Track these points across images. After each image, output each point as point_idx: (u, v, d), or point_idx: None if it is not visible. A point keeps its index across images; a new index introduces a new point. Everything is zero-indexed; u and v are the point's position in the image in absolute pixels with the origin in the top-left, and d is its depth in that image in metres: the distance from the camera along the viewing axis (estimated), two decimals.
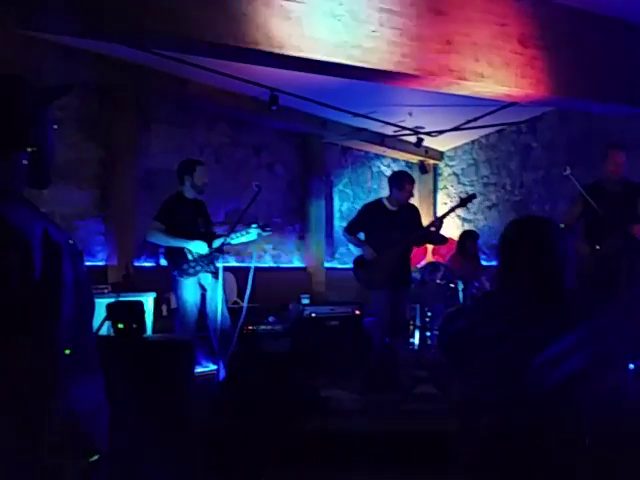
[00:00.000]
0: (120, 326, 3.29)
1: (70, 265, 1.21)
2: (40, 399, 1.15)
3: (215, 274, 4.45)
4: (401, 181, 4.83)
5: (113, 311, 3.34)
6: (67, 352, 1.18)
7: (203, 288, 4.50)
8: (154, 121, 6.18)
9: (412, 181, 4.92)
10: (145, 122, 6.12)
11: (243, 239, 4.48)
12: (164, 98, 6.17)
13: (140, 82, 5.72)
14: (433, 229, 4.79)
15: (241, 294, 4.67)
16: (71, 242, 1.24)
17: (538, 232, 1.92)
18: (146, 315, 3.58)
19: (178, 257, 4.40)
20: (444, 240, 5.77)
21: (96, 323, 3.50)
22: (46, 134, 1.32)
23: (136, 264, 5.73)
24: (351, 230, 4.95)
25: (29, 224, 1.17)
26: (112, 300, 3.56)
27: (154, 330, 4.35)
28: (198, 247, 4.39)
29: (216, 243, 4.46)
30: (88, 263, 5.29)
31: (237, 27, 3.48)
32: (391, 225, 4.72)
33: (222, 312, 4.35)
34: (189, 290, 4.43)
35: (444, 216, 4.82)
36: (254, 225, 4.47)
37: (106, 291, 4.28)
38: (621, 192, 4.19)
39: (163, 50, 4.59)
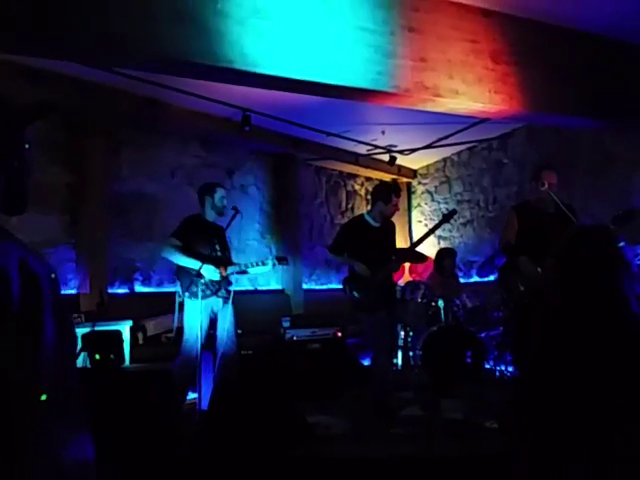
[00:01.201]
0: (97, 357, 3.15)
1: (51, 299, 1.09)
2: (21, 454, 1.02)
3: (226, 299, 4.38)
4: (388, 194, 4.53)
5: (89, 341, 3.20)
6: (43, 398, 1.03)
7: (214, 313, 4.42)
8: (124, 144, 6.05)
9: (399, 194, 4.68)
10: (114, 145, 5.98)
11: (258, 270, 4.54)
12: (133, 120, 6.05)
13: (108, 104, 5.60)
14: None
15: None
16: (53, 276, 1.12)
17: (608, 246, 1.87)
18: (124, 344, 3.45)
19: (189, 279, 4.31)
20: (423, 258, 5.74)
21: None
22: (23, 155, 1.22)
23: (110, 291, 5.55)
24: (336, 249, 4.67)
25: (4, 253, 1.06)
26: (87, 330, 3.41)
27: (131, 360, 4.18)
28: (210, 272, 4.30)
29: (230, 270, 4.42)
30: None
31: (210, 45, 3.41)
32: (377, 242, 4.48)
33: (230, 337, 4.32)
34: (196, 313, 4.30)
35: (429, 234, 4.57)
36: (270, 257, 4.61)
37: (79, 320, 4.10)
38: (553, 212, 4.21)
39: (132, 70, 4.50)
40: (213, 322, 4.43)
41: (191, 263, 4.29)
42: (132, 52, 3.33)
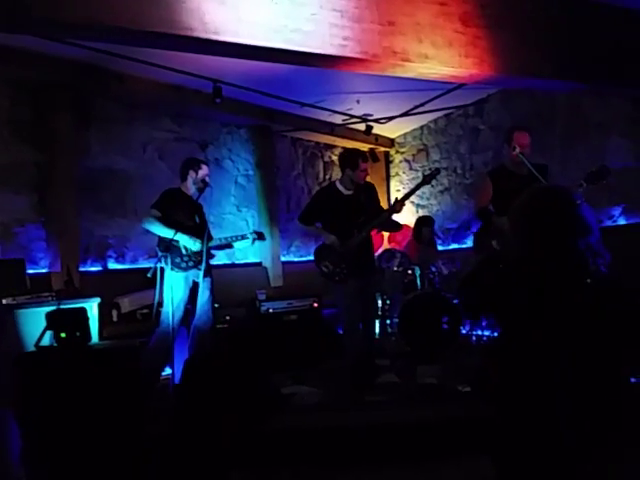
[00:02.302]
0: (63, 335, 3.11)
1: None
2: None
3: (205, 272, 4.35)
4: (354, 160, 4.49)
5: (54, 320, 3.15)
6: None
7: (194, 285, 4.40)
8: (93, 119, 5.92)
9: (366, 158, 4.62)
10: (83, 121, 5.85)
11: (240, 244, 4.57)
12: (102, 95, 5.92)
13: (75, 79, 5.46)
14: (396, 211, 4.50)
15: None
16: None
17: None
18: (91, 322, 3.40)
19: (172, 249, 4.29)
20: (398, 226, 5.72)
21: (38, 333, 3.30)
22: None
23: (82, 269, 5.48)
24: (306, 219, 4.65)
25: None
26: (51, 308, 3.36)
27: (102, 337, 4.15)
28: (191, 243, 4.31)
29: (211, 243, 4.42)
30: (31, 271, 5.03)
31: (169, 13, 3.30)
32: (349, 210, 4.41)
33: (207, 312, 4.32)
34: (177, 285, 4.31)
35: (409, 195, 4.55)
36: (250, 232, 4.58)
37: (50, 299, 4.05)
38: (527, 174, 4.18)
39: (88, 41, 4.37)
40: (192, 295, 4.41)
41: (172, 234, 4.26)
42: (86, 23, 3.21)
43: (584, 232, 1.79)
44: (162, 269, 4.31)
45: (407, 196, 4.52)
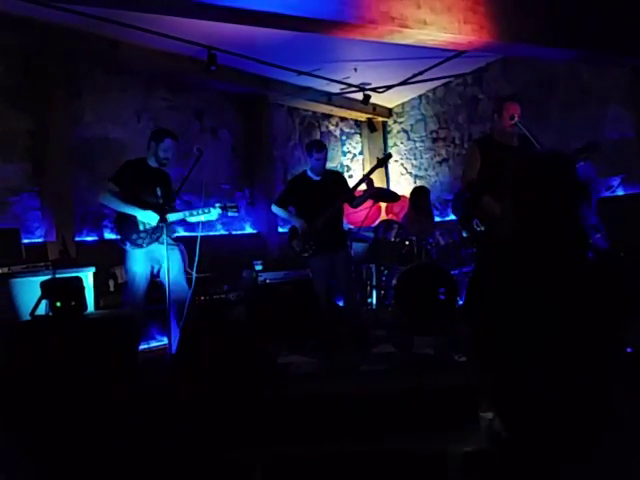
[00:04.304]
0: (58, 304, 3.10)
1: None
2: None
3: (170, 246, 4.25)
4: (310, 150, 5.07)
5: (49, 289, 3.14)
6: None
7: (157, 261, 4.31)
8: (86, 87, 5.82)
9: (321, 148, 5.04)
10: (76, 89, 5.75)
11: (202, 218, 4.36)
12: (95, 62, 5.81)
13: (67, 46, 5.36)
14: (361, 190, 5.09)
15: (192, 264, 4.50)
16: None
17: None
18: (87, 291, 3.39)
19: (128, 226, 4.20)
20: (395, 197, 5.69)
21: (33, 302, 3.29)
22: None
23: (77, 239, 5.45)
24: (280, 203, 5.17)
25: None
26: (46, 277, 3.35)
27: (99, 307, 4.15)
28: (148, 217, 4.19)
29: (171, 217, 4.28)
30: (26, 241, 5.00)
31: None
32: (317, 195, 4.96)
33: (179, 283, 4.23)
34: (138, 262, 4.25)
35: (365, 178, 5.01)
36: (217, 204, 4.40)
37: (45, 269, 4.04)
38: (517, 145, 4.11)
39: (81, 6, 4.29)
40: (158, 271, 4.33)
41: (128, 209, 4.18)
42: None
43: (582, 196, 1.77)
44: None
45: (359, 183, 5.06)
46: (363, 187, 5.11)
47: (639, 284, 1.79)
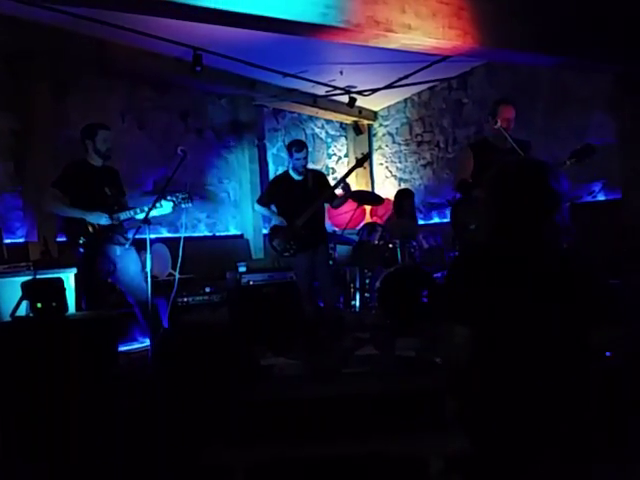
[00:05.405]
0: (39, 305, 3.07)
1: None
2: None
3: (123, 246, 4.17)
4: (290, 149, 5.19)
5: (29, 290, 3.12)
6: None
7: (112, 262, 4.20)
8: (71, 87, 5.79)
9: (300, 148, 5.12)
10: (61, 89, 5.72)
11: (154, 213, 4.16)
12: (80, 62, 5.78)
13: (52, 45, 5.33)
14: (340, 191, 5.21)
15: (175, 265, 4.48)
16: None
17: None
18: (68, 292, 3.36)
19: (76, 229, 4.10)
20: (379, 200, 5.73)
21: (13, 303, 3.26)
22: None
23: (59, 239, 5.40)
24: (263, 202, 5.30)
25: None
26: (27, 278, 3.32)
27: (80, 308, 4.11)
28: (97, 218, 4.10)
29: (122, 216, 4.17)
30: (7, 241, 4.96)
31: None
32: (298, 194, 5.07)
33: (137, 284, 4.14)
34: (91, 264, 4.10)
35: (345, 177, 5.25)
36: (169, 197, 4.17)
37: (26, 269, 3.99)
38: (510, 148, 4.17)
39: (67, 6, 4.26)
40: (112, 272, 4.21)
41: (76, 213, 4.09)
42: None
43: (555, 206, 1.79)
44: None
45: (338, 183, 5.23)
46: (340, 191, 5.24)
47: (613, 288, 1.82)
